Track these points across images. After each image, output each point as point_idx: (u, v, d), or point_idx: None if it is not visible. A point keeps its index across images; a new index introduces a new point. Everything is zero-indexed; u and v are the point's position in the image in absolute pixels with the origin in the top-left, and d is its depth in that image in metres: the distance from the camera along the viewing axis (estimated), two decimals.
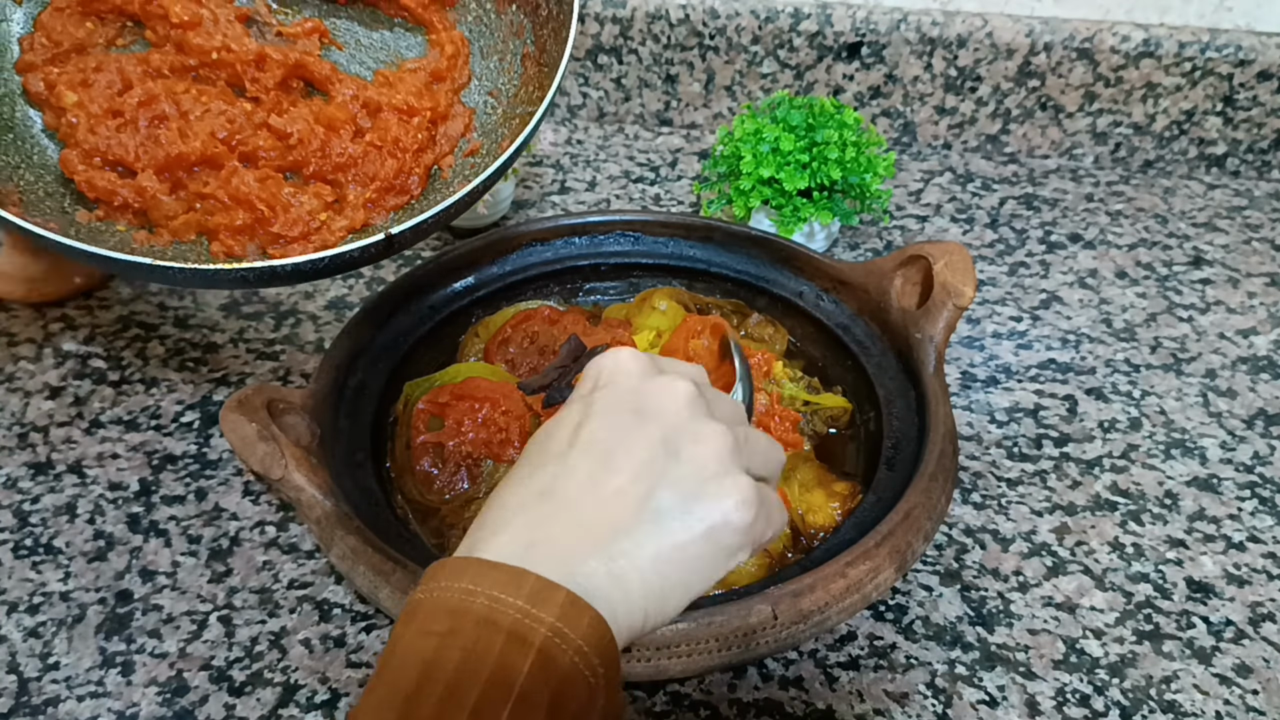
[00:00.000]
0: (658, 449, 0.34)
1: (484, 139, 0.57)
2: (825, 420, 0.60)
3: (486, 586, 0.30)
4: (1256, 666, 0.51)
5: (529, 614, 0.29)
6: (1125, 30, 0.84)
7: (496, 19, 0.58)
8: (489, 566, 0.31)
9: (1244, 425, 0.65)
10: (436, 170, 0.56)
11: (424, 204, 0.55)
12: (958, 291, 0.56)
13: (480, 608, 0.29)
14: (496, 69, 0.58)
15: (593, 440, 0.34)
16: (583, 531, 0.32)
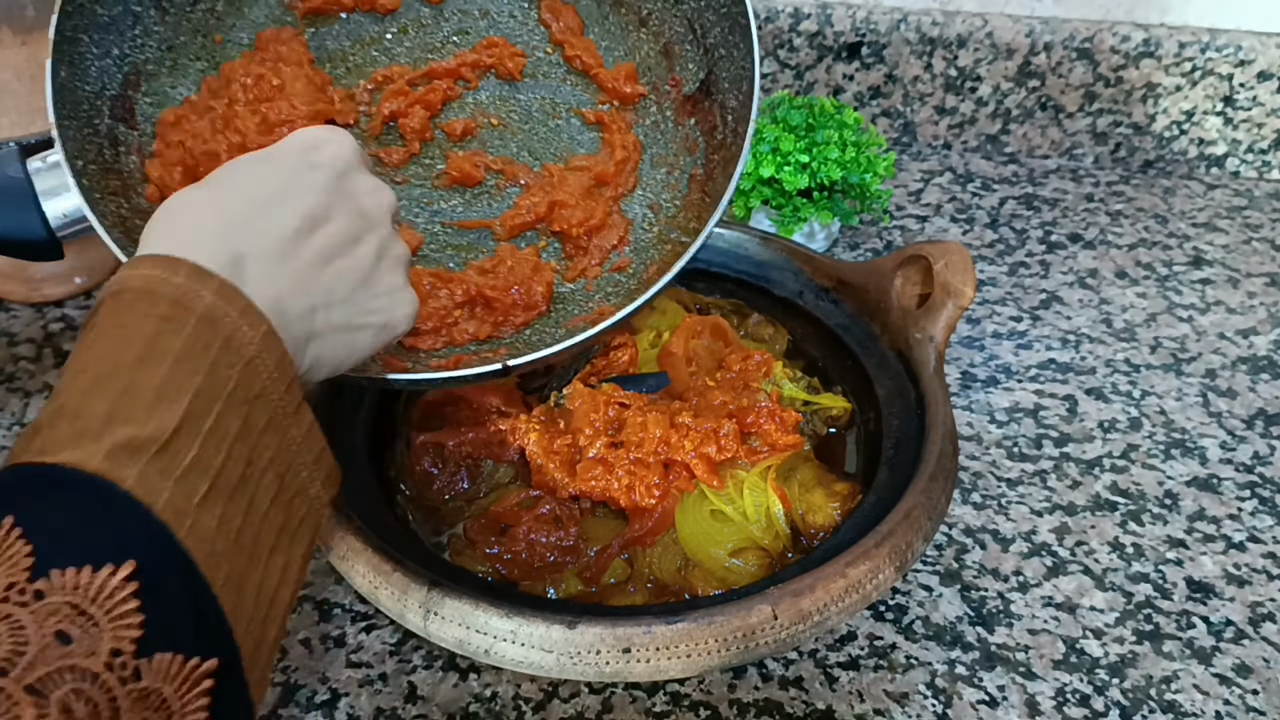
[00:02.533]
0: (368, 243, 0.39)
1: (634, 256, 0.53)
2: (825, 420, 0.60)
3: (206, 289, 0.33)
4: (1256, 666, 0.51)
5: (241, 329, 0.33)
6: (1125, 30, 0.84)
7: (673, 129, 0.55)
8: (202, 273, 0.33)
9: (1244, 425, 0.65)
10: (581, 282, 0.53)
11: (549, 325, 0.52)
12: (958, 291, 0.56)
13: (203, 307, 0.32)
14: (662, 182, 0.55)
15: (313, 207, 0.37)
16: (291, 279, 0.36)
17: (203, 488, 0.30)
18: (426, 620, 0.45)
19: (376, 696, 0.50)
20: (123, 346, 0.31)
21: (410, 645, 0.52)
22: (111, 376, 0.30)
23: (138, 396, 0.30)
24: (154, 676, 0.27)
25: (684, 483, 0.52)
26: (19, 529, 0.27)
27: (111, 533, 0.28)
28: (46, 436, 0.30)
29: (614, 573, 0.50)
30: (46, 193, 0.44)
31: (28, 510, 0.28)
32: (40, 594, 0.26)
